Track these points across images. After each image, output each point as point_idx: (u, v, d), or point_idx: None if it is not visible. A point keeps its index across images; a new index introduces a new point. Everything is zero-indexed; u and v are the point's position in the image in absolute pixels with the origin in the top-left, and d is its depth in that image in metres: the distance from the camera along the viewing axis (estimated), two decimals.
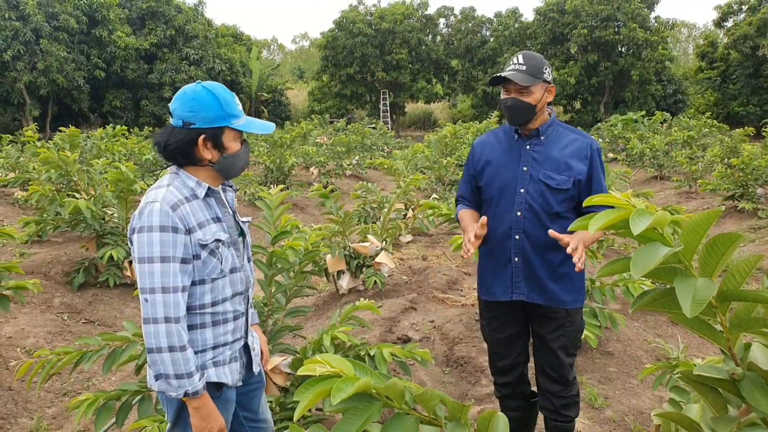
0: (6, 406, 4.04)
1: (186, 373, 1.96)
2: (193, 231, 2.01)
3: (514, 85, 2.64)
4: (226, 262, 2.12)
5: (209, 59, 32.84)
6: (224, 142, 2.08)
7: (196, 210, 2.04)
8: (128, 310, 6.07)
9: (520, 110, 2.67)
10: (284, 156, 13.25)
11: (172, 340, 1.94)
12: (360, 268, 6.12)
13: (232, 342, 2.19)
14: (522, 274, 2.72)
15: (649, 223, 1.08)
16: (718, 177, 10.71)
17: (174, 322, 1.94)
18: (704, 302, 1.04)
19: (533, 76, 2.63)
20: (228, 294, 2.15)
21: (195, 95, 2.04)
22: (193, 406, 2.02)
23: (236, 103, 2.12)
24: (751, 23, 32.38)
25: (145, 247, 1.94)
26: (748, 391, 1.16)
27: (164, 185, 2.05)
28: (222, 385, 2.15)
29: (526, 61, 2.65)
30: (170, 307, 1.94)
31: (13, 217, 9.40)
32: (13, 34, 25.88)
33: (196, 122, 2.03)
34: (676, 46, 66.98)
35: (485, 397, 4.04)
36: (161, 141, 2.08)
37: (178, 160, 2.09)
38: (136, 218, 1.99)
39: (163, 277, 1.94)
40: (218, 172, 2.14)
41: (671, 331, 5.29)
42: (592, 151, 2.69)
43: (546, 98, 2.71)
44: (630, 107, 33.78)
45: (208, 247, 2.05)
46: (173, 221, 1.96)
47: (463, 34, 40.16)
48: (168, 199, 1.98)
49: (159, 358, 1.94)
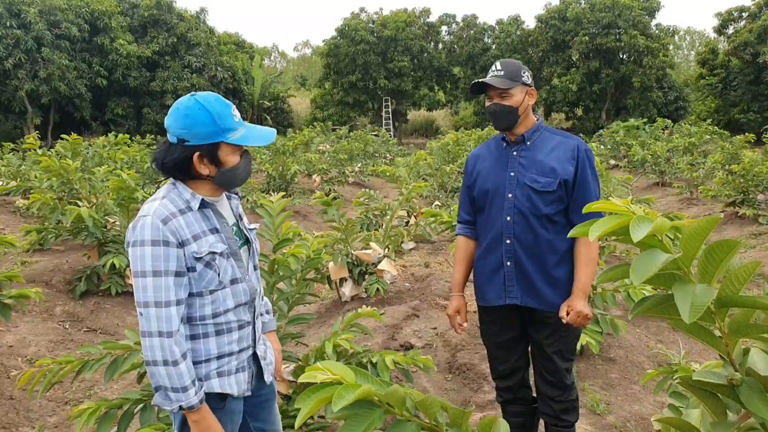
0: (7, 415, 4.04)
1: (180, 387, 1.95)
2: (186, 244, 1.98)
3: (494, 90, 2.72)
4: (225, 273, 2.07)
5: (211, 67, 32.91)
6: (221, 158, 2.02)
7: (191, 222, 2.01)
8: (130, 319, 6.07)
9: (502, 114, 2.73)
10: (286, 164, 13.29)
11: (165, 355, 1.93)
12: (363, 275, 6.12)
13: (238, 352, 2.15)
14: (515, 278, 2.75)
15: (649, 230, 1.08)
16: (719, 183, 10.71)
17: (167, 337, 1.93)
18: (702, 308, 1.05)
19: (511, 80, 2.70)
20: (230, 305, 2.11)
21: (187, 111, 1.98)
22: (192, 419, 2.01)
23: (232, 114, 2.04)
24: (752, 30, 32.40)
25: (138, 261, 1.93)
26: (746, 396, 1.16)
27: (159, 198, 2.03)
28: (227, 395, 2.12)
29: (503, 66, 2.74)
30: (162, 322, 1.93)
31: (14, 226, 9.42)
32: (15, 43, 25.96)
33: (191, 139, 1.97)
34: (678, 53, 67.06)
35: (488, 403, 4.04)
36: (159, 158, 2.04)
37: (176, 176, 2.07)
38: (130, 232, 1.98)
39: (155, 291, 1.93)
40: (218, 185, 2.10)
41: (673, 337, 5.29)
42: (579, 152, 2.71)
43: (528, 101, 2.77)
44: (631, 114, 33.81)
45: (202, 260, 2.01)
46: (164, 235, 1.93)
47: (465, 42, 40.24)
48: (159, 213, 1.96)
49: (156, 371, 1.94)
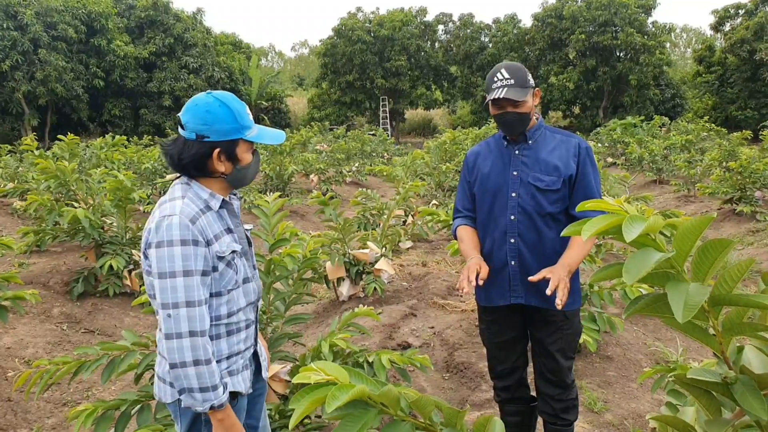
0: (5, 417, 4.03)
1: (211, 386, 1.95)
2: (211, 243, 1.99)
3: (508, 101, 2.66)
4: (239, 272, 2.11)
5: (208, 67, 32.91)
6: (238, 155, 2.05)
7: (211, 222, 2.02)
8: (128, 320, 6.06)
9: (519, 122, 2.71)
10: (284, 164, 13.29)
11: (197, 354, 1.92)
12: (360, 275, 6.12)
13: (244, 350, 2.19)
14: (519, 277, 2.74)
15: (642, 229, 1.08)
16: (716, 180, 10.73)
17: (199, 336, 1.93)
18: (696, 307, 1.04)
19: (524, 87, 2.66)
20: (242, 304, 2.14)
21: (208, 107, 1.99)
22: (217, 418, 2.01)
23: (248, 113, 2.08)
24: (748, 27, 32.47)
25: (166, 261, 1.91)
26: (740, 394, 1.16)
27: (178, 197, 2.02)
28: (236, 394, 2.15)
29: (511, 74, 2.66)
30: (195, 321, 1.93)
31: (12, 228, 9.40)
32: (12, 44, 25.94)
33: (211, 135, 1.98)
34: (675, 50, 67.09)
35: (485, 402, 4.04)
36: (174, 154, 2.03)
37: (191, 173, 2.06)
38: (153, 232, 1.94)
39: (187, 291, 1.92)
40: (229, 183, 2.12)
41: (670, 335, 5.29)
42: (580, 150, 2.72)
43: (534, 103, 2.76)
44: (629, 112, 33.87)
45: (225, 259, 2.03)
46: (193, 234, 1.93)
47: (462, 41, 40.29)
48: (186, 212, 1.96)
49: (183, 373, 1.92)
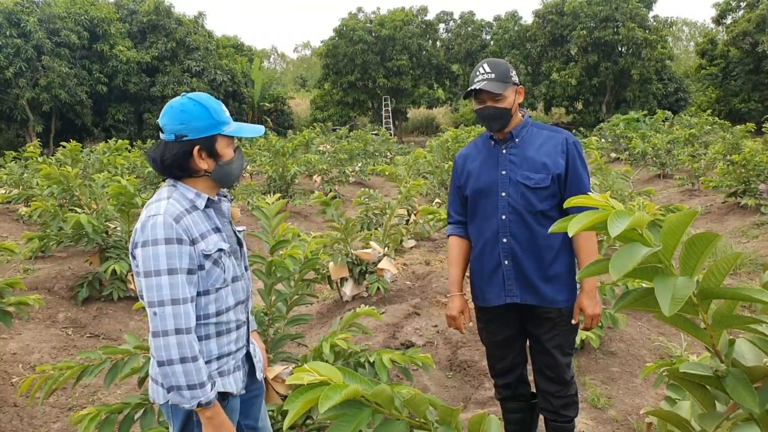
0: (11, 423, 4.06)
1: (199, 383, 1.97)
2: (196, 242, 2.03)
3: (488, 94, 2.69)
4: (228, 271, 2.14)
5: (211, 71, 32.93)
6: (218, 150, 2.11)
7: (197, 221, 2.06)
8: (133, 323, 6.09)
9: (497, 117, 2.72)
10: (286, 165, 13.29)
11: (183, 351, 1.95)
12: (363, 274, 6.14)
13: (235, 351, 2.22)
14: (513, 276, 2.74)
15: (627, 224, 1.09)
16: (720, 174, 10.69)
17: (185, 333, 1.96)
18: (683, 300, 1.05)
19: (504, 82, 2.68)
20: (231, 303, 2.17)
21: (183, 107, 2.05)
22: (206, 416, 2.03)
23: (224, 110, 2.14)
24: (750, 19, 32.28)
25: (151, 260, 1.95)
26: (732, 387, 1.17)
27: (164, 198, 2.06)
28: (227, 394, 2.17)
29: (492, 68, 2.69)
30: (180, 318, 1.95)
31: (17, 233, 9.43)
32: (15, 52, 25.97)
33: (189, 134, 2.04)
34: (677, 44, 66.87)
35: (488, 400, 4.04)
36: (156, 157, 2.08)
37: (175, 174, 2.10)
38: (139, 232, 1.99)
39: (171, 288, 1.95)
40: (215, 181, 2.16)
41: (675, 330, 5.28)
42: (568, 145, 2.72)
43: (517, 100, 2.76)
44: (632, 107, 33.71)
45: (211, 257, 2.07)
46: (177, 233, 1.97)
47: (463, 39, 40.20)
48: (170, 212, 2.00)
49: (170, 371, 1.95)
